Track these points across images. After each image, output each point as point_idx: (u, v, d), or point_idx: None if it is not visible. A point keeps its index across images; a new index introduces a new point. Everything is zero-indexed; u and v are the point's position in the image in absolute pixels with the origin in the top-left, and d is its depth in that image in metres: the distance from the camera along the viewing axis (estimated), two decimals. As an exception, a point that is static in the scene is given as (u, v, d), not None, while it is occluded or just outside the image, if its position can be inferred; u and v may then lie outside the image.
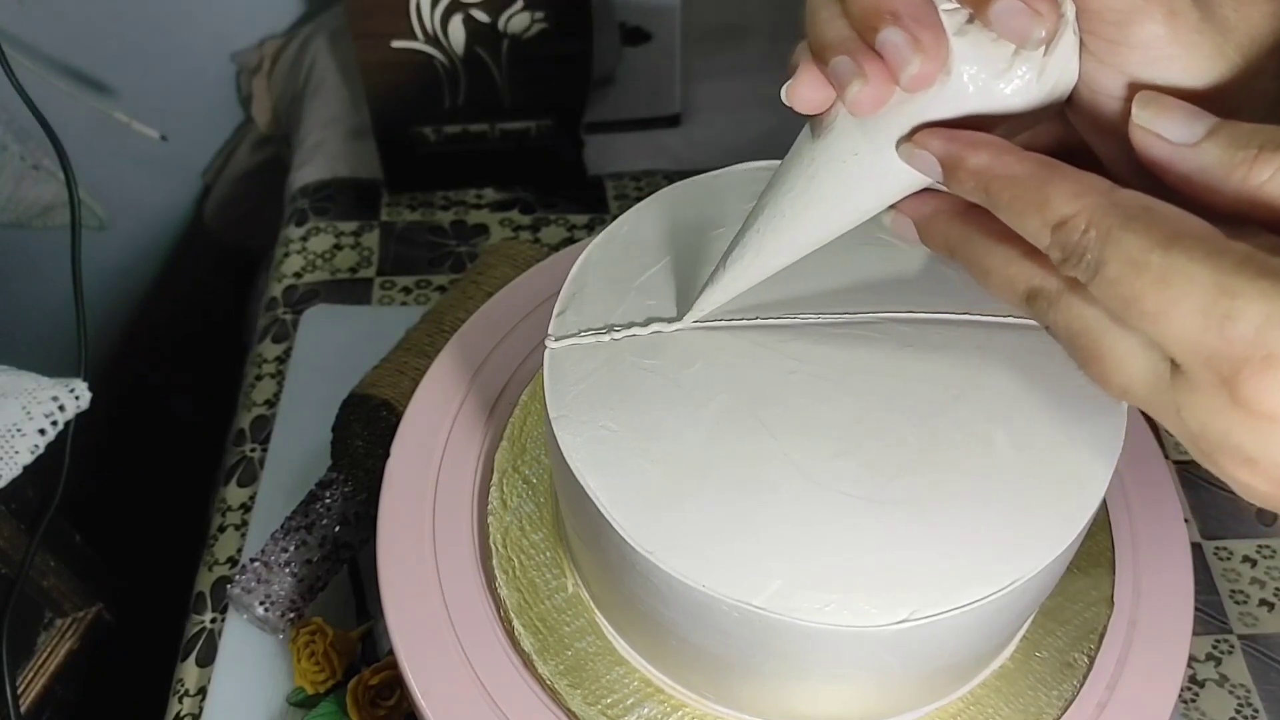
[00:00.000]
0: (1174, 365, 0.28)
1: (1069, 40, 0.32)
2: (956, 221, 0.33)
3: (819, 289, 0.44)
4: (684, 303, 0.43)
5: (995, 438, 0.40)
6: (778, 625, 0.37)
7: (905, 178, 0.34)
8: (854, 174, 0.35)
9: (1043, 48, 0.31)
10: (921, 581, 0.37)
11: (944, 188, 0.33)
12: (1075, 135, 0.35)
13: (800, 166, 0.36)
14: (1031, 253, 0.30)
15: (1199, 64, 0.31)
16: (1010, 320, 0.43)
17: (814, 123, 0.35)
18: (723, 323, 0.43)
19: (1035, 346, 0.42)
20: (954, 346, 0.42)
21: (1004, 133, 0.32)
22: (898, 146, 0.33)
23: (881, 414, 0.40)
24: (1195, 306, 0.26)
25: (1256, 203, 0.28)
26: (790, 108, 0.34)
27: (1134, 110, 0.30)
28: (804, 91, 0.33)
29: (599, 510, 0.38)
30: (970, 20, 0.31)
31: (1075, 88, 0.33)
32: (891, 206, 0.36)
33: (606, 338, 0.43)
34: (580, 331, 0.43)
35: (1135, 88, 0.32)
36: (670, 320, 0.43)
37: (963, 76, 0.32)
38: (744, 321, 0.43)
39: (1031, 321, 0.43)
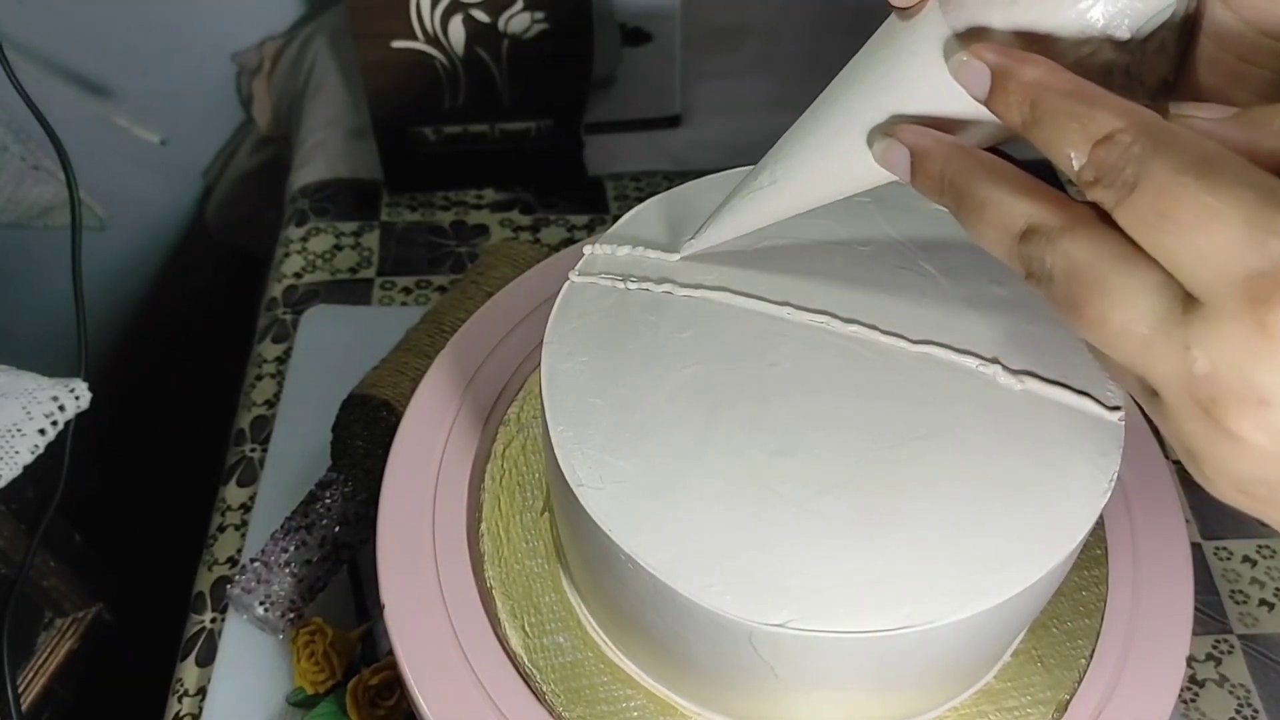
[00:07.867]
0: (1189, 300, 0.27)
1: None
2: (957, 153, 0.33)
3: (841, 297, 0.44)
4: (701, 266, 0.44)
5: (978, 459, 0.40)
6: (701, 616, 0.37)
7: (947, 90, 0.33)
8: (917, 65, 0.34)
9: None
10: (918, 594, 0.37)
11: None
12: None
13: (873, 61, 0.36)
14: (1033, 190, 0.30)
15: None
16: (1009, 381, 0.42)
17: (900, 12, 0.35)
18: (739, 295, 0.44)
19: (1027, 409, 0.41)
20: (947, 388, 0.41)
21: None
22: (948, 59, 0.33)
23: (836, 428, 0.40)
24: (1238, 218, 0.26)
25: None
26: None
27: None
28: None
29: (553, 452, 0.40)
30: None
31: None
32: (887, 134, 0.35)
33: (623, 285, 0.44)
34: (603, 273, 0.45)
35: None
36: (683, 285, 0.44)
37: None
38: (754, 301, 0.44)
39: (1036, 389, 0.41)
